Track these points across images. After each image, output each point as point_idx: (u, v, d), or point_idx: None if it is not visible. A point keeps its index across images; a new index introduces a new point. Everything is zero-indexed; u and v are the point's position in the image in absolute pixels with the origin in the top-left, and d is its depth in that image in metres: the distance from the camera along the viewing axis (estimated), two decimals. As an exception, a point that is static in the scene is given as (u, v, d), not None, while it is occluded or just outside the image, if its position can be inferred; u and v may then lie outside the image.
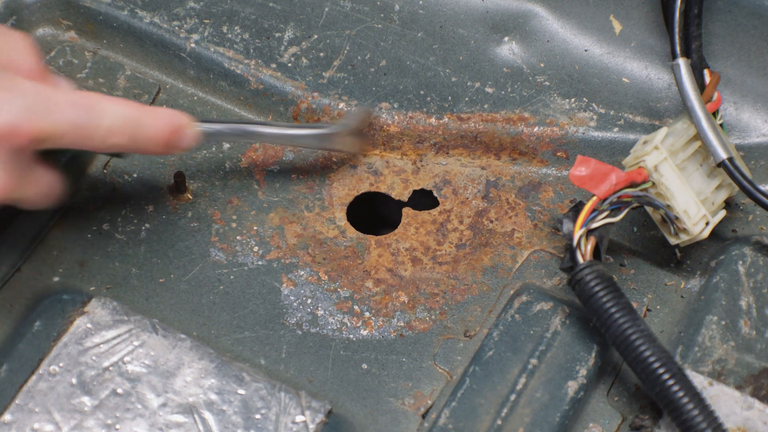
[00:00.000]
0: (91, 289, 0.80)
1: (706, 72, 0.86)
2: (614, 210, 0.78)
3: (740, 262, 0.82)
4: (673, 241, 0.82)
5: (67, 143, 0.71)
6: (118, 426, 0.71)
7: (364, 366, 0.80)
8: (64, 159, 0.81)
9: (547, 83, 0.93)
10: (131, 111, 0.74)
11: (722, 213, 0.83)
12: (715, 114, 0.85)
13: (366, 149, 0.91)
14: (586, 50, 0.94)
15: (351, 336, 0.81)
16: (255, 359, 0.79)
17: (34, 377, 0.73)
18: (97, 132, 0.71)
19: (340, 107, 0.92)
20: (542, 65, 0.94)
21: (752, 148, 0.91)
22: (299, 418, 0.73)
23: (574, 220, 0.77)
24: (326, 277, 0.84)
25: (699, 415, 0.71)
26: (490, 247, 0.86)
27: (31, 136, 0.68)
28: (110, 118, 0.72)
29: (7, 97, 0.68)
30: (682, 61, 0.85)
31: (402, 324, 0.82)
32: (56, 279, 0.81)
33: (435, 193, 0.90)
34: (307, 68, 0.93)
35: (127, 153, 0.80)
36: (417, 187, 0.90)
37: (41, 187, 0.74)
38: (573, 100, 0.93)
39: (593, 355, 0.78)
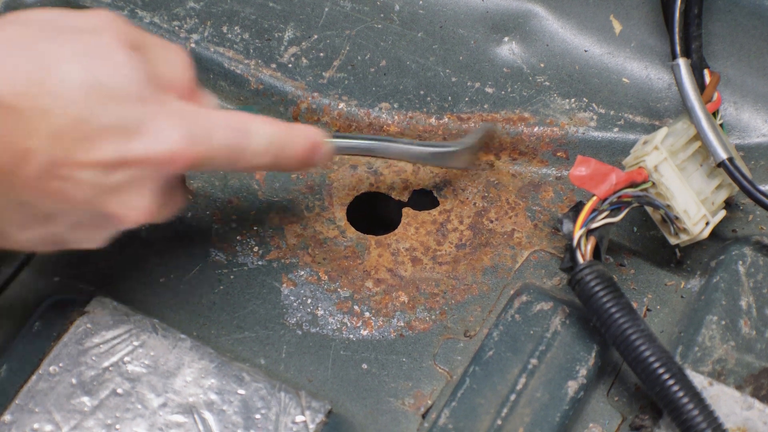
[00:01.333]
0: (91, 289, 0.80)
1: (706, 72, 0.86)
2: (614, 210, 0.78)
3: (740, 262, 0.82)
4: (673, 241, 0.82)
5: (216, 166, 0.69)
6: (118, 426, 0.71)
7: (364, 366, 0.80)
8: None
9: (547, 83, 0.93)
10: (278, 131, 0.71)
11: (722, 213, 0.83)
12: (715, 114, 0.85)
13: (478, 161, 0.90)
14: (586, 50, 0.94)
15: (351, 336, 0.81)
16: (255, 359, 0.79)
17: (34, 377, 0.73)
18: (245, 154, 0.69)
19: (340, 107, 0.92)
20: (542, 65, 0.94)
21: (752, 148, 0.91)
22: (299, 418, 0.73)
23: (574, 220, 0.77)
24: (326, 277, 0.84)
25: (699, 415, 0.71)
26: (490, 247, 0.86)
27: (190, 162, 0.66)
28: (259, 139, 0.70)
29: (167, 122, 0.65)
30: (682, 61, 0.85)
31: (402, 324, 0.82)
32: (56, 279, 0.81)
33: (435, 193, 0.90)
34: (307, 68, 0.93)
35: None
36: (417, 187, 0.90)
37: (177, 206, 0.71)
38: (573, 100, 0.93)
39: (593, 355, 0.78)
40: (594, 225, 0.77)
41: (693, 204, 0.80)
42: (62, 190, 0.63)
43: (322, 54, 0.94)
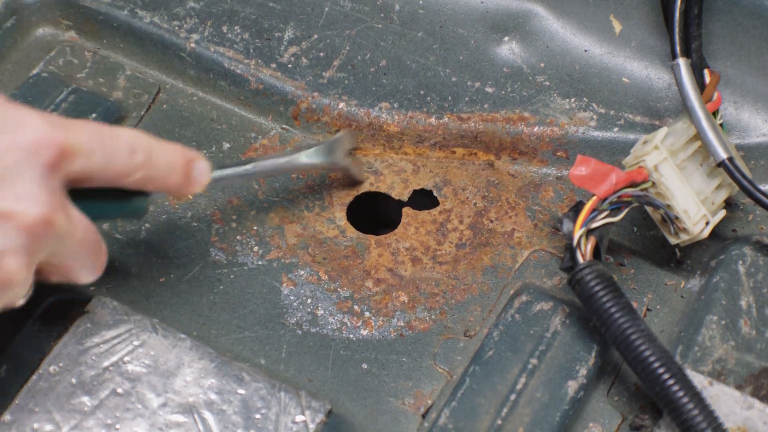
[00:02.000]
0: (91, 289, 0.80)
1: (706, 72, 0.86)
2: (614, 210, 0.78)
3: (740, 262, 0.82)
4: (673, 240, 0.82)
5: (94, 164, 0.67)
6: (118, 426, 0.71)
7: (364, 366, 0.80)
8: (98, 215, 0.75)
9: (547, 83, 0.93)
10: (146, 136, 0.71)
11: (722, 213, 0.83)
12: (715, 114, 0.85)
13: (361, 173, 0.90)
14: (586, 50, 0.94)
15: (351, 336, 0.81)
16: (255, 359, 0.79)
17: (34, 377, 0.73)
18: (120, 150, 0.69)
19: (340, 107, 0.92)
20: (542, 65, 0.94)
21: (752, 148, 0.91)
22: (299, 418, 0.73)
23: (574, 220, 0.77)
24: (326, 276, 0.84)
25: (699, 414, 0.71)
26: (490, 247, 0.86)
27: (59, 147, 0.64)
28: (127, 135, 0.69)
29: (27, 114, 0.64)
30: (682, 61, 0.85)
31: (402, 324, 0.82)
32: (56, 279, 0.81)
33: (435, 193, 0.90)
34: (307, 68, 0.93)
35: (150, 197, 0.75)
36: (417, 187, 0.90)
37: (80, 230, 0.68)
38: (573, 100, 0.93)
39: (593, 355, 0.78)
40: (594, 225, 0.77)
41: (693, 204, 0.80)
42: None
43: (322, 54, 0.94)
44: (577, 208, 0.78)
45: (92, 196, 0.69)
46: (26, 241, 0.63)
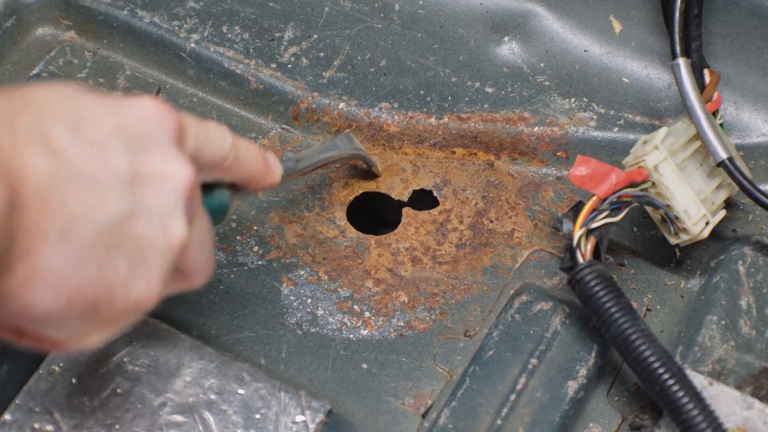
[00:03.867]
0: (91, 289, 0.80)
1: (706, 72, 0.86)
2: (614, 210, 0.78)
3: (740, 262, 0.82)
4: (673, 240, 0.82)
5: (198, 145, 0.64)
6: (118, 426, 0.71)
7: (364, 366, 0.80)
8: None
9: (547, 83, 0.93)
10: (226, 126, 0.69)
11: (722, 213, 0.83)
12: (715, 114, 0.85)
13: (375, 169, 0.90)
14: (586, 50, 0.94)
15: (351, 336, 0.81)
16: (255, 359, 0.79)
17: (34, 377, 0.73)
18: (215, 133, 0.66)
19: (340, 107, 0.92)
20: (542, 65, 0.94)
21: (752, 148, 0.91)
22: (299, 418, 0.73)
23: (574, 220, 0.77)
24: (326, 276, 0.84)
25: (699, 415, 0.71)
26: (490, 247, 0.86)
27: (177, 120, 0.62)
28: (214, 121, 0.67)
29: (135, 95, 0.64)
30: (682, 61, 0.85)
31: (402, 324, 0.82)
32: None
33: (435, 193, 0.90)
34: (307, 68, 0.93)
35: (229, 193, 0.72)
36: (417, 187, 0.90)
37: (204, 216, 0.65)
38: (573, 100, 0.93)
39: (593, 355, 0.78)
40: (594, 225, 0.77)
41: (693, 204, 0.80)
42: None
43: (322, 54, 0.94)
44: (577, 208, 0.78)
45: None
46: (185, 201, 0.60)
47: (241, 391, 0.74)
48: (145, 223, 0.58)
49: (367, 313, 0.82)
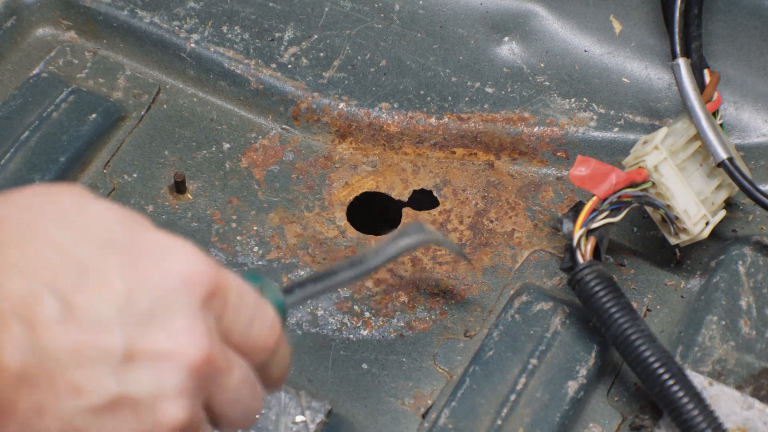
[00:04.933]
0: (91, 289, 0.80)
1: (706, 72, 0.86)
2: (614, 210, 0.78)
3: (740, 262, 0.82)
4: (673, 241, 0.82)
5: (236, 321, 0.56)
6: (118, 426, 0.71)
7: (364, 366, 0.80)
8: None
9: (547, 83, 0.93)
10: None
11: (722, 213, 0.83)
12: (715, 114, 0.85)
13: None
14: (586, 50, 0.94)
15: (351, 336, 0.81)
16: (255, 359, 0.79)
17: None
18: (264, 319, 0.57)
19: (340, 107, 0.92)
20: (542, 65, 0.94)
21: (752, 148, 0.91)
22: (299, 418, 0.73)
23: (574, 220, 0.77)
24: (326, 277, 0.84)
25: (699, 415, 0.71)
26: (490, 247, 0.86)
27: (214, 282, 0.54)
28: (273, 311, 0.58)
29: (177, 242, 0.54)
30: (682, 61, 0.85)
31: (402, 324, 0.82)
32: None
33: (435, 193, 0.90)
34: (307, 68, 0.93)
35: None
36: (417, 187, 0.90)
37: (238, 369, 0.56)
38: (573, 100, 0.93)
39: (593, 355, 0.78)
40: (594, 225, 0.77)
41: (693, 204, 0.80)
42: None
43: (322, 54, 0.94)
44: (577, 209, 0.78)
45: None
46: (187, 381, 0.52)
47: (241, 391, 0.74)
48: (130, 411, 0.52)
49: (367, 313, 0.82)
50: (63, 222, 0.52)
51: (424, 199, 0.90)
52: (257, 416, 0.59)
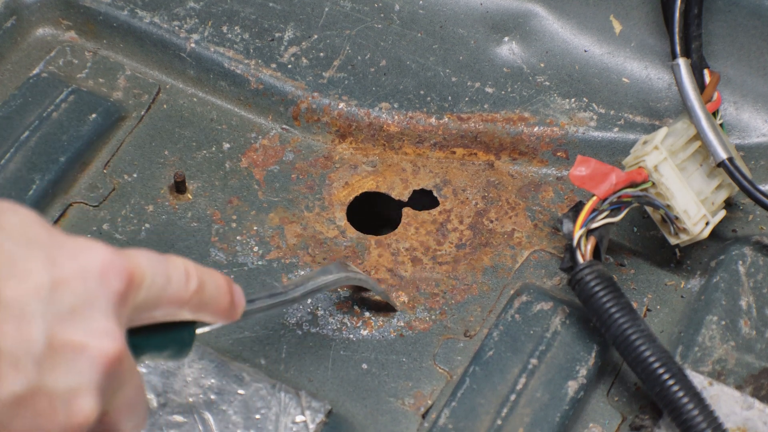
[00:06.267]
0: (91, 289, 0.80)
1: (706, 72, 0.86)
2: (614, 210, 0.78)
3: (740, 262, 0.82)
4: (673, 241, 0.82)
5: (155, 292, 0.59)
6: (118, 426, 0.71)
7: (364, 366, 0.80)
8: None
9: (547, 83, 0.93)
10: (189, 261, 0.63)
11: (722, 213, 0.83)
12: (715, 114, 0.85)
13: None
14: (586, 50, 0.94)
15: (351, 336, 0.81)
16: (255, 359, 0.79)
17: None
18: (177, 275, 0.61)
19: (340, 107, 0.92)
20: (542, 65, 0.94)
21: (752, 148, 0.91)
22: (299, 418, 0.73)
23: (574, 220, 0.77)
24: (326, 277, 0.84)
25: (699, 415, 0.71)
26: (490, 247, 0.86)
27: (127, 273, 0.56)
28: (180, 260, 0.61)
29: (87, 241, 0.57)
30: (682, 61, 0.85)
31: (402, 324, 0.82)
32: None
33: (435, 193, 0.90)
34: (307, 68, 0.93)
35: (194, 327, 0.66)
36: (417, 187, 0.90)
37: (137, 375, 0.59)
38: (573, 100, 0.93)
39: (593, 355, 0.78)
40: (594, 225, 0.77)
41: (693, 204, 0.80)
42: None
43: (322, 54, 0.94)
44: (577, 209, 0.78)
45: (138, 332, 0.61)
46: (100, 378, 0.55)
47: (241, 392, 0.74)
48: (47, 403, 0.53)
49: (367, 313, 0.82)
50: None
51: (424, 199, 0.90)
52: (145, 422, 0.61)
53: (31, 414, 0.53)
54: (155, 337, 0.62)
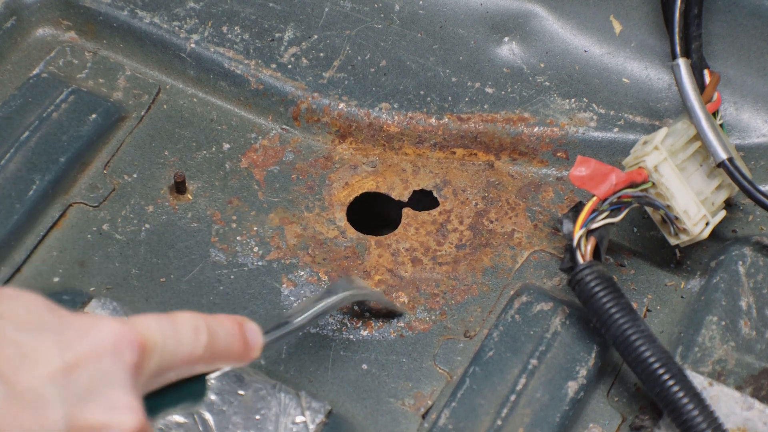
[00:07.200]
0: (91, 289, 0.80)
1: (706, 72, 0.86)
2: (614, 210, 0.78)
3: (740, 263, 0.82)
4: (673, 241, 0.82)
5: (167, 356, 0.59)
6: (118, 426, 0.71)
7: (364, 366, 0.80)
8: None
9: (547, 83, 0.93)
10: (196, 314, 0.63)
11: (722, 213, 0.83)
12: (715, 114, 0.85)
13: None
14: (586, 50, 0.94)
15: (351, 336, 0.81)
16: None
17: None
18: (185, 333, 0.61)
19: (340, 107, 0.92)
20: (542, 65, 0.94)
21: (752, 148, 0.91)
22: (299, 419, 0.73)
23: (574, 221, 0.77)
24: (326, 277, 0.84)
25: (699, 415, 0.71)
26: (490, 248, 0.86)
27: (138, 343, 0.57)
28: (186, 316, 0.61)
29: (95, 317, 0.57)
30: (682, 61, 0.85)
31: (402, 324, 0.82)
32: (56, 279, 0.81)
33: (435, 193, 0.90)
34: (307, 68, 0.93)
35: (207, 377, 0.65)
36: (417, 187, 0.90)
37: None
38: (573, 100, 0.93)
39: (593, 355, 0.78)
40: (594, 225, 0.77)
41: (693, 204, 0.80)
42: None
43: (322, 54, 0.94)
44: (577, 209, 0.78)
45: (152, 394, 0.61)
46: None
47: (241, 392, 0.74)
48: None
49: (367, 314, 0.82)
50: None
51: (424, 200, 0.90)
52: None
53: None
54: (169, 395, 0.62)
